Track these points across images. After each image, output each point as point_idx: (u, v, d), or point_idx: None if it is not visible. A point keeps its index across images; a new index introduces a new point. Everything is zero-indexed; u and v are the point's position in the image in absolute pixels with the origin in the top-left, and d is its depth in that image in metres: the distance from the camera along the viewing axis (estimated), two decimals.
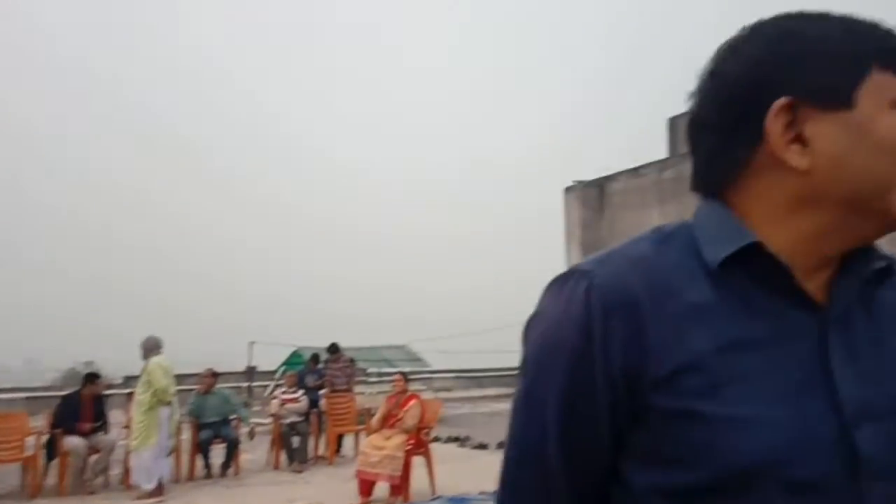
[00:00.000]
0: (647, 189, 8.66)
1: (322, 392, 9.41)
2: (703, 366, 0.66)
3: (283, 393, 8.69)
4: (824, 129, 0.68)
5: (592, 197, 9.46)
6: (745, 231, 0.70)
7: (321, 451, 8.65)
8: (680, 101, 0.85)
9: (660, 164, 8.67)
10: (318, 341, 15.28)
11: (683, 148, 7.55)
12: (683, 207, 7.95)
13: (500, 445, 9.47)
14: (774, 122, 0.68)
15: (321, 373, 9.72)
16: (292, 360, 16.08)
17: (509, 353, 22.92)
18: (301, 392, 8.75)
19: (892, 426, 0.65)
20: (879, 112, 0.66)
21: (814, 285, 0.69)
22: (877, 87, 0.67)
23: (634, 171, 9.03)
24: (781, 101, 0.67)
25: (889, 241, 0.79)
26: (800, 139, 0.68)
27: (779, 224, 0.70)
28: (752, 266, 0.69)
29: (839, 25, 0.70)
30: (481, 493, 6.25)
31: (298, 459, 7.98)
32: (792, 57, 0.69)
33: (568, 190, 9.90)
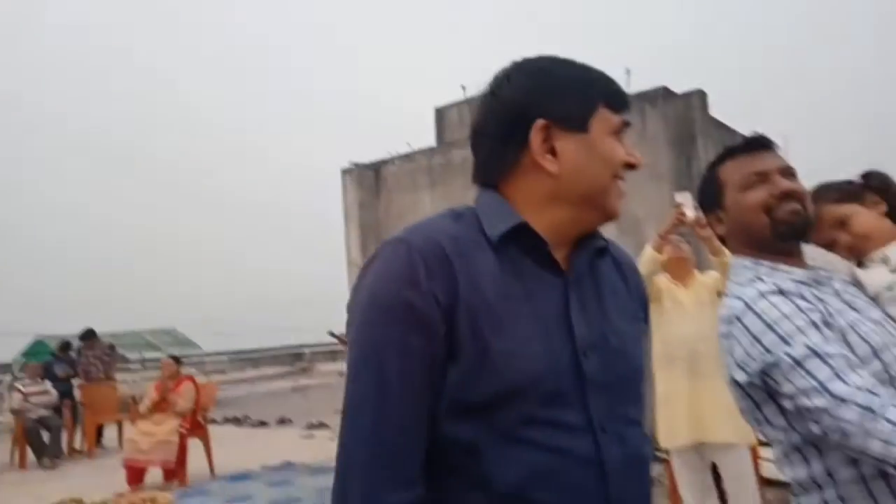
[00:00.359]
0: (419, 173, 9.21)
1: (76, 381, 8.58)
2: (487, 308, 0.90)
3: (26, 386, 7.75)
4: (569, 146, 0.94)
5: (369, 179, 9.81)
6: (515, 214, 0.97)
7: (77, 444, 7.91)
8: (446, 93, 1.21)
9: (430, 152, 9.26)
10: (64, 328, 13.67)
11: (450, 137, 8.16)
12: (451, 192, 8.65)
13: (280, 422, 9.53)
14: (535, 137, 0.94)
15: (73, 361, 8.83)
16: (34, 349, 14.20)
17: (286, 332, 22.64)
18: (49, 383, 7.90)
19: (603, 355, 0.95)
20: (602, 137, 0.97)
21: (560, 257, 0.98)
22: (602, 119, 0.97)
23: (407, 157, 9.53)
24: (540, 122, 0.94)
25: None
26: (552, 151, 0.94)
27: (538, 211, 0.97)
28: (521, 241, 0.96)
29: (580, 71, 1.00)
30: (262, 467, 6.32)
31: (50, 455, 7.23)
32: (549, 90, 0.95)
33: (345, 172, 10.12)
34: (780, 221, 1.27)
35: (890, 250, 1.36)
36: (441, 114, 11.18)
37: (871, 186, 1.41)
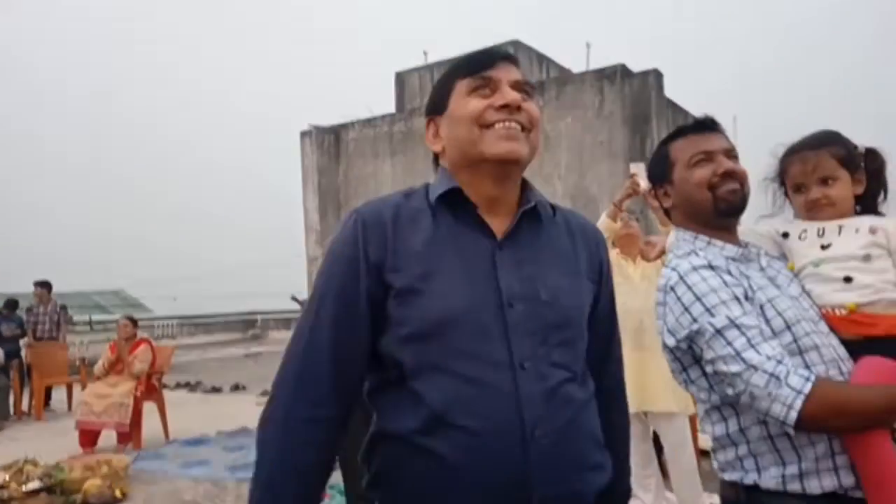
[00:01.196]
0: (380, 139, 9.19)
1: (23, 342, 8.38)
2: (421, 261, 1.11)
3: None
4: (441, 127, 1.20)
5: (329, 143, 9.72)
6: (452, 181, 1.18)
7: (25, 406, 7.78)
8: (406, 58, 1.38)
9: (391, 118, 9.23)
10: (7, 286, 13.23)
11: (411, 103, 8.19)
12: (412, 160, 8.69)
13: (234, 388, 9.53)
14: (427, 129, 1.24)
15: (21, 321, 8.60)
16: None
17: (238, 298, 22.38)
18: None
19: (530, 306, 1.11)
20: (459, 103, 1.18)
21: (498, 221, 1.17)
22: (459, 90, 1.19)
23: (368, 122, 9.47)
24: (427, 119, 1.24)
25: None
26: (437, 134, 1.21)
27: (460, 178, 1.19)
28: (456, 205, 1.17)
29: (449, 68, 1.21)
30: (218, 433, 6.35)
31: None
32: (431, 95, 1.23)
33: (304, 135, 9.98)
34: (721, 199, 1.39)
35: (852, 223, 1.40)
36: (402, 79, 11.12)
37: (867, 164, 1.44)
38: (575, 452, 1.10)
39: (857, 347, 1.30)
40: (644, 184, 3.23)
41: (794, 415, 1.17)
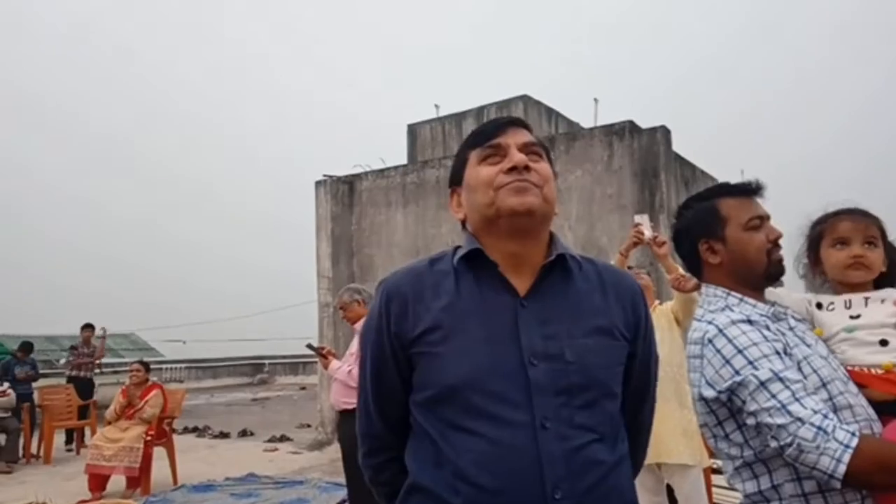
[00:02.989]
0: (392, 189, 9.35)
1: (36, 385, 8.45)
2: (440, 326, 1.18)
3: None
4: (462, 196, 1.28)
5: (342, 192, 9.90)
6: (474, 243, 1.24)
7: (34, 449, 7.77)
8: (419, 112, 1.50)
9: (403, 169, 9.42)
10: (19, 329, 13.28)
11: (423, 154, 8.36)
12: (424, 210, 8.84)
13: (242, 434, 9.47)
14: (451, 200, 1.33)
15: (33, 363, 8.69)
16: None
17: (247, 343, 22.35)
18: (7, 385, 7.75)
19: (554, 365, 1.13)
20: (473, 171, 1.27)
21: (523, 279, 1.21)
22: (472, 162, 1.28)
23: (381, 172, 9.65)
24: (450, 190, 1.33)
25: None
26: (460, 203, 1.29)
27: (483, 241, 1.25)
28: (478, 266, 1.23)
29: (464, 141, 1.31)
30: (227, 479, 6.32)
31: (6, 459, 7.09)
32: (453, 162, 1.32)
33: (318, 184, 10.17)
34: (773, 264, 1.45)
35: (877, 294, 1.46)
36: (414, 131, 11.38)
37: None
38: None
39: (884, 408, 1.34)
40: (648, 233, 3.33)
41: (842, 468, 1.17)
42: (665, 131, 7.50)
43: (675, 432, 3.23)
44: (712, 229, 1.47)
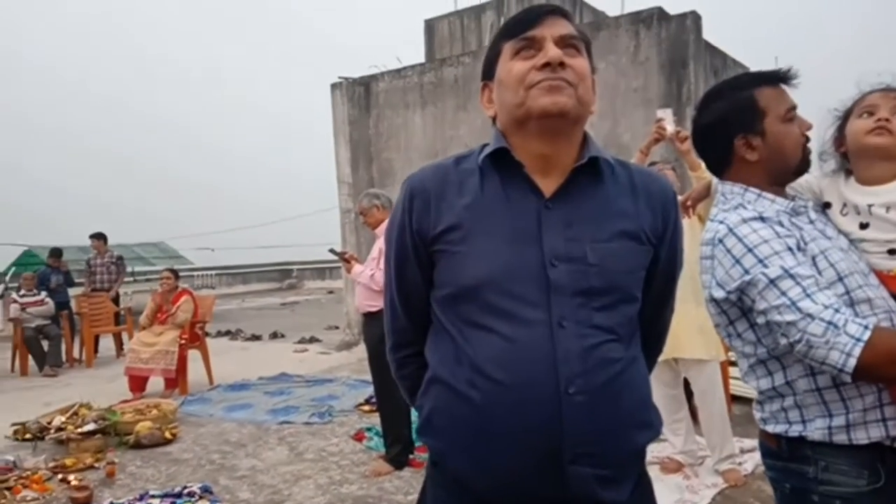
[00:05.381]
0: (410, 90, 9.09)
1: (72, 291, 8.73)
2: (461, 225, 1.16)
3: (23, 296, 7.89)
4: (493, 92, 1.22)
5: (359, 95, 9.67)
6: (501, 140, 1.19)
7: (77, 353, 8.17)
8: (436, 4, 1.43)
9: (420, 68, 9.11)
10: (53, 240, 13.63)
11: (440, 53, 8.02)
12: (441, 110, 8.61)
13: (273, 336, 9.83)
14: (481, 95, 1.27)
15: (67, 271, 8.94)
16: (25, 259, 14.23)
17: (274, 249, 22.78)
18: (44, 293, 8.04)
19: (575, 266, 1.11)
20: (505, 65, 1.20)
21: (550, 181, 1.17)
22: (504, 56, 1.20)
23: (398, 73, 9.35)
24: (481, 84, 1.26)
25: None
26: (491, 99, 1.23)
27: (512, 141, 1.20)
28: (504, 164, 1.18)
29: (497, 32, 1.22)
30: (260, 378, 6.61)
31: (51, 363, 7.48)
32: (486, 54, 1.24)
33: (334, 87, 9.93)
34: (804, 159, 1.39)
35: (886, 200, 1.35)
36: (431, 27, 10.93)
37: None
38: (614, 411, 1.11)
39: None
40: (671, 128, 3.19)
41: (852, 362, 1.15)
42: (696, 17, 7.07)
43: (691, 329, 3.24)
44: (751, 123, 1.36)
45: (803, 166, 1.39)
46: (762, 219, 1.30)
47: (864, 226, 1.36)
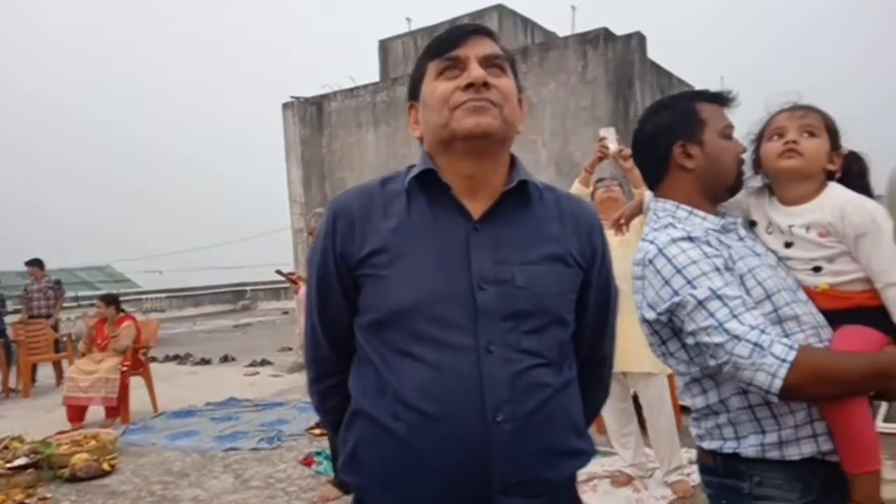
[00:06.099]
0: (363, 109, 9.07)
1: (8, 319, 8.33)
2: (388, 248, 1.11)
3: None
4: (420, 112, 1.20)
5: (311, 114, 9.59)
6: (428, 163, 1.16)
7: (12, 384, 7.77)
8: (391, 25, 1.39)
9: (374, 87, 9.11)
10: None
11: (394, 72, 8.04)
12: (394, 129, 8.60)
13: (223, 359, 9.55)
14: (410, 115, 1.24)
15: (2, 298, 8.54)
16: None
17: (225, 271, 22.30)
18: None
19: (500, 289, 1.09)
20: (430, 86, 1.18)
21: (479, 203, 1.14)
22: (429, 73, 1.18)
23: (350, 92, 9.33)
24: (408, 104, 1.24)
25: None
26: (418, 120, 1.21)
27: (439, 162, 1.17)
28: (431, 186, 1.15)
29: (424, 47, 1.19)
30: (208, 403, 6.39)
31: None
32: (412, 74, 1.22)
33: (286, 106, 9.84)
34: (739, 179, 1.40)
35: (806, 221, 1.35)
36: (385, 47, 10.94)
37: (849, 165, 1.40)
38: (544, 438, 1.08)
39: (834, 316, 1.31)
40: (613, 147, 3.25)
41: (778, 383, 1.16)
42: (640, 38, 7.25)
43: (638, 342, 3.23)
44: (690, 131, 1.38)
45: (737, 185, 1.40)
46: (691, 238, 1.30)
47: (788, 244, 1.37)
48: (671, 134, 1.39)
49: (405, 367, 1.07)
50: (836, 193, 1.35)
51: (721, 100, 1.41)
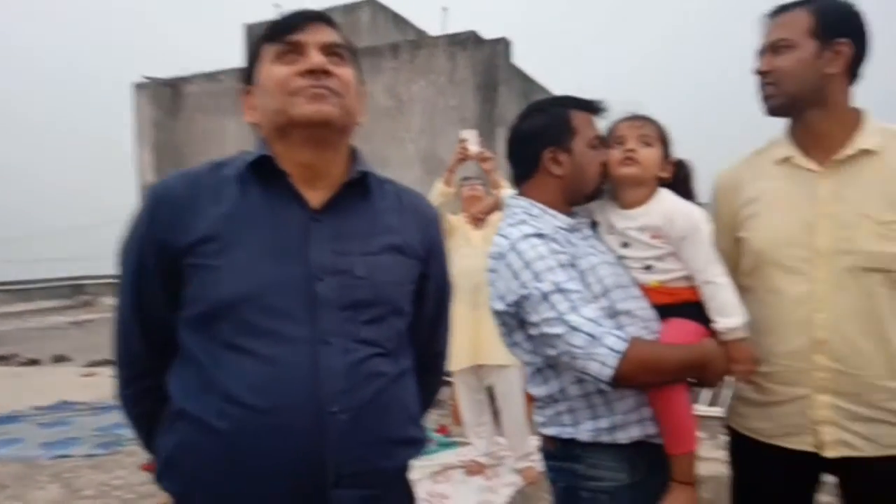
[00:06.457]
0: (224, 95, 8.64)
1: None
2: (218, 236, 1.04)
3: None
4: (256, 98, 1.14)
5: (166, 97, 9.00)
6: (265, 149, 1.10)
7: None
8: (259, 10, 1.30)
9: (236, 73, 8.70)
10: None
11: None
12: None
13: (57, 359, 8.68)
14: (244, 100, 1.17)
15: None
16: None
17: (64, 262, 20.32)
18: None
19: (339, 280, 1.07)
20: (266, 70, 1.11)
21: (318, 193, 1.11)
22: (265, 56, 1.12)
23: (211, 76, 8.86)
24: (243, 88, 1.17)
25: None
26: (254, 105, 1.14)
27: (276, 149, 1.11)
28: (268, 174, 1.10)
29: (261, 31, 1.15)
30: (35, 408, 5.76)
31: None
32: (248, 58, 1.16)
33: (139, 87, 9.16)
34: (599, 188, 1.48)
35: (641, 223, 1.45)
36: (251, 32, 10.49)
37: (676, 172, 1.51)
38: (380, 428, 1.07)
39: (664, 310, 1.42)
40: (474, 149, 3.34)
41: (608, 372, 1.25)
42: (506, 43, 7.50)
43: (491, 336, 3.35)
44: (562, 139, 1.44)
45: (596, 194, 1.49)
46: (541, 235, 1.36)
47: (625, 245, 1.47)
48: (543, 139, 1.44)
49: (235, 362, 1.02)
50: (666, 199, 1.46)
51: (593, 109, 1.48)
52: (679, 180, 1.51)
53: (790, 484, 1.51)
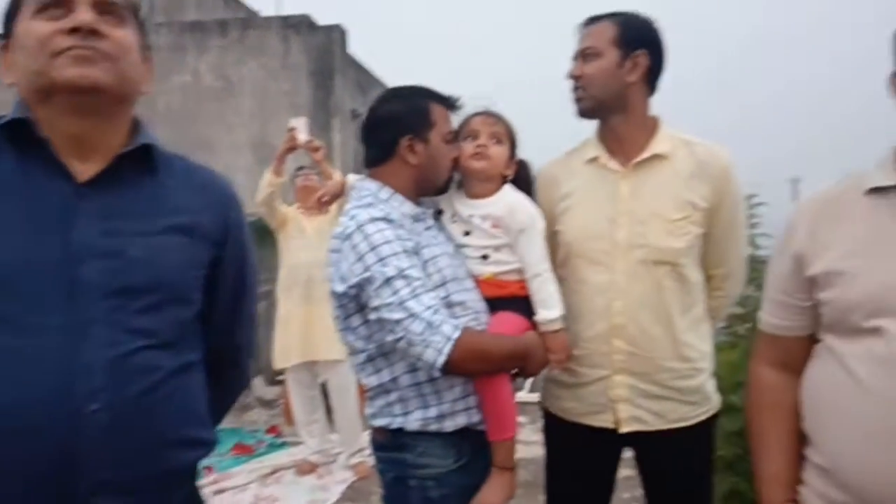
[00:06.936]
0: None
1: None
2: None
3: None
4: (14, 55, 1.00)
5: None
6: (23, 112, 0.97)
7: None
8: None
9: None
10: None
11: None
12: None
13: None
14: (1, 57, 1.04)
15: None
16: None
17: None
18: None
19: (107, 263, 0.96)
20: (25, 24, 0.99)
21: (89, 166, 0.99)
22: (25, 8, 0.99)
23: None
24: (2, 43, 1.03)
25: None
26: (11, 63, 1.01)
27: (37, 114, 0.98)
28: (25, 140, 0.97)
29: None
30: None
31: None
32: (5, 12, 1.03)
33: None
34: (449, 181, 1.52)
35: (484, 211, 1.52)
36: None
37: (519, 171, 1.58)
38: (149, 428, 0.97)
39: (494, 303, 1.49)
40: (303, 137, 3.28)
41: (442, 359, 1.29)
42: (341, 31, 7.40)
43: (327, 332, 3.32)
44: (421, 129, 1.46)
45: (445, 188, 1.55)
46: (388, 220, 1.37)
47: (467, 233, 1.53)
48: (402, 126, 1.46)
49: None
50: (510, 193, 1.55)
51: (450, 105, 1.52)
52: (520, 179, 1.60)
53: (595, 460, 1.66)
